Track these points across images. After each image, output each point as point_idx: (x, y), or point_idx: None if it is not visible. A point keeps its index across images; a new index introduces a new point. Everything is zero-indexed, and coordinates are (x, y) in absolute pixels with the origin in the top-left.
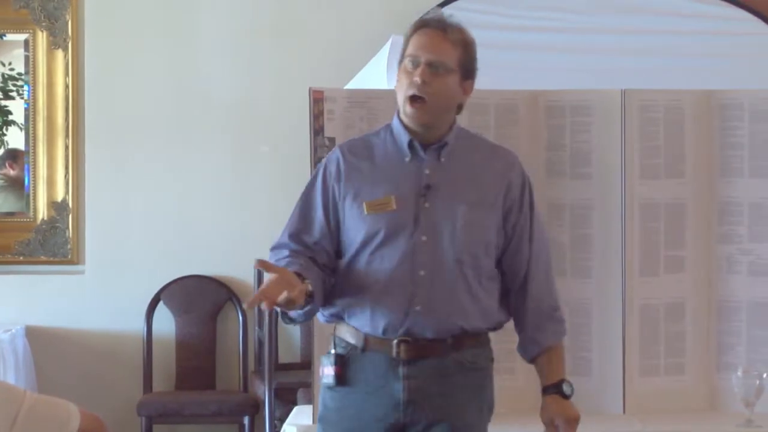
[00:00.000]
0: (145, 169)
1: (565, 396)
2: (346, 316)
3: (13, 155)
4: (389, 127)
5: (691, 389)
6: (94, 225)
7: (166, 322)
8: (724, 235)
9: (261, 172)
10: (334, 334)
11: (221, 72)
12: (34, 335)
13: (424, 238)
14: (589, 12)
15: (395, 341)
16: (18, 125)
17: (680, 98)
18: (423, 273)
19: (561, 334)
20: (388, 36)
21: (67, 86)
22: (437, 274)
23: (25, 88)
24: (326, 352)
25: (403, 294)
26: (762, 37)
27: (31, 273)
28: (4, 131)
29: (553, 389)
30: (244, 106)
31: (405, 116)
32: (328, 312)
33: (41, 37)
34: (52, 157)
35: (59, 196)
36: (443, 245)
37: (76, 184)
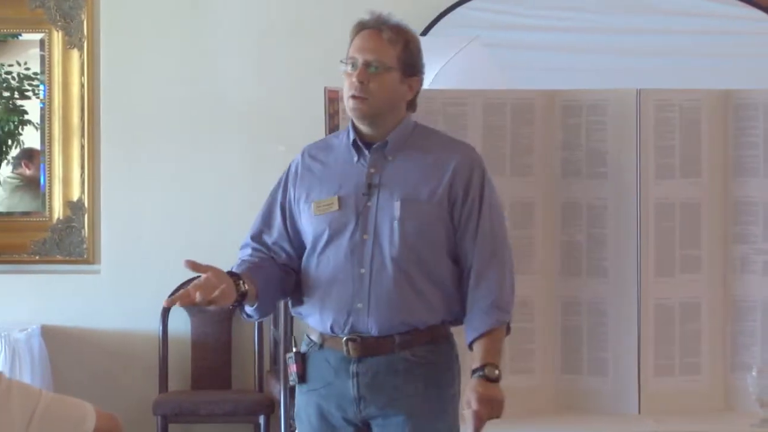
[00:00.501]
0: (160, 169)
1: (488, 378)
2: (304, 315)
3: (29, 155)
4: (347, 128)
5: (706, 389)
6: (110, 224)
7: (181, 321)
8: (739, 234)
9: (276, 172)
10: (306, 333)
11: (236, 71)
12: (49, 335)
13: (366, 237)
14: (605, 12)
15: (344, 339)
16: (34, 125)
17: (696, 98)
18: (363, 271)
19: (494, 322)
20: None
21: (82, 86)
22: (378, 272)
23: (41, 87)
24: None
25: (345, 292)
26: None
27: (47, 273)
28: (20, 131)
29: (479, 371)
30: (259, 106)
31: (352, 116)
32: (295, 311)
33: (57, 37)
34: (67, 157)
35: (75, 196)
36: (383, 243)
37: (91, 183)
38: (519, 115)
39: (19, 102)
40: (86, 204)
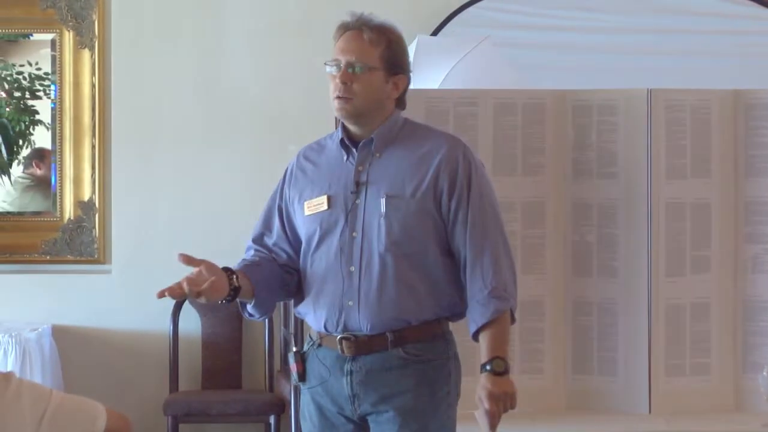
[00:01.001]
0: (171, 169)
1: (496, 373)
2: (303, 314)
3: (40, 155)
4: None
5: (716, 389)
6: (121, 224)
7: (192, 321)
8: (750, 234)
9: None
10: (308, 332)
11: (247, 71)
12: (60, 335)
13: (355, 235)
14: (615, 11)
15: (338, 338)
16: (45, 125)
17: (706, 98)
18: (353, 269)
19: (497, 312)
20: (414, 35)
21: (93, 86)
22: (367, 270)
23: (52, 87)
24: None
25: (335, 291)
26: None
27: (58, 272)
28: (31, 131)
29: (486, 367)
30: (270, 105)
31: (338, 117)
32: (296, 311)
33: (68, 37)
34: (78, 157)
35: (86, 196)
36: (372, 240)
37: (102, 183)
38: (530, 115)
39: (30, 102)
40: (97, 204)
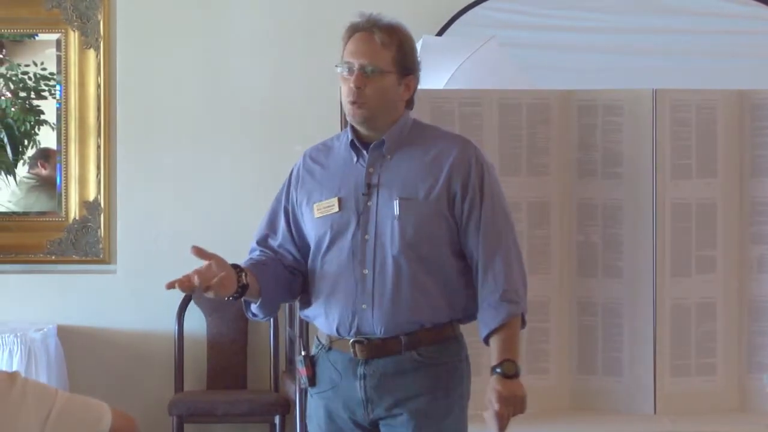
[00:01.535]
0: (176, 169)
1: (506, 375)
2: (312, 317)
3: (45, 155)
4: (346, 130)
5: (722, 389)
6: (126, 224)
7: (197, 321)
8: (755, 234)
9: None
10: (316, 336)
11: (252, 71)
12: (65, 335)
13: (367, 237)
14: (620, 11)
15: (351, 342)
16: (50, 125)
17: (712, 98)
18: (366, 272)
19: (512, 315)
20: (419, 35)
21: (98, 86)
22: (380, 272)
23: (57, 87)
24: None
25: (348, 294)
26: None
27: (63, 272)
28: (37, 131)
29: (496, 369)
30: (275, 106)
31: (351, 120)
32: (303, 314)
33: (73, 37)
34: (83, 157)
35: (91, 196)
36: (385, 242)
37: (107, 183)
38: (535, 115)
39: (35, 102)
40: (102, 204)
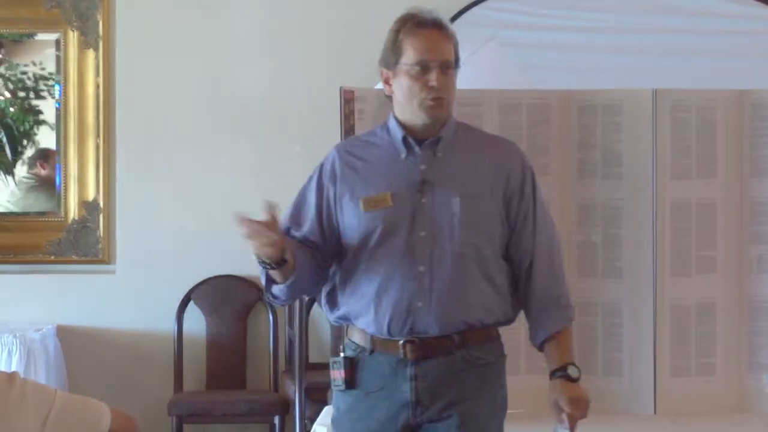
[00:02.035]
0: (175, 169)
1: (571, 379)
2: (353, 318)
3: (45, 155)
4: (386, 125)
5: (721, 390)
6: (125, 225)
7: (196, 321)
8: (755, 234)
9: (291, 172)
10: (345, 335)
11: (251, 71)
12: (64, 335)
13: (423, 234)
14: (620, 11)
15: (401, 342)
16: (49, 125)
17: (711, 98)
18: (422, 269)
19: (566, 320)
20: None
21: (97, 86)
22: (437, 270)
23: (56, 87)
24: (336, 355)
25: (404, 291)
26: None
27: (62, 272)
28: (36, 131)
29: (559, 372)
30: (274, 106)
31: (424, 118)
32: (336, 315)
33: (72, 37)
34: (83, 157)
35: (90, 196)
36: (442, 240)
37: (107, 183)
38: (535, 115)
39: (34, 102)
40: (101, 204)
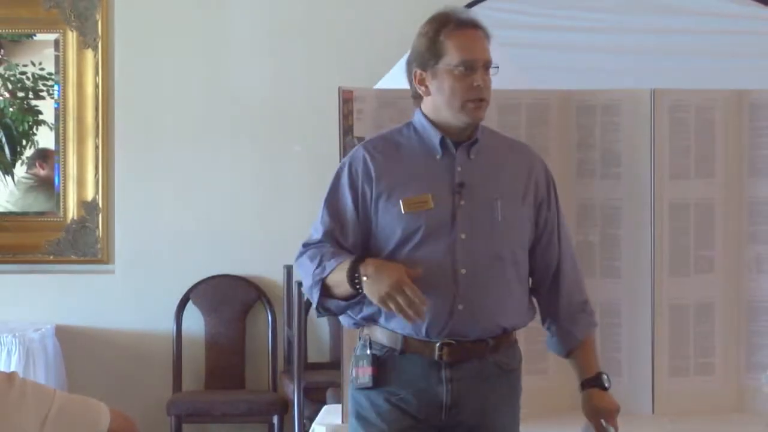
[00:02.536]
0: (175, 169)
1: (605, 388)
2: (383, 319)
3: (44, 155)
4: (411, 125)
5: (720, 389)
6: (124, 224)
7: (195, 321)
8: (754, 235)
9: (290, 172)
10: (366, 336)
11: (251, 72)
12: (63, 334)
13: (463, 236)
14: (619, 11)
15: (438, 344)
16: (48, 125)
17: (710, 98)
18: (464, 271)
19: (594, 326)
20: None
21: (96, 86)
22: (478, 272)
23: (55, 87)
24: (357, 353)
25: (445, 293)
26: None
27: (61, 272)
28: (35, 131)
29: (594, 382)
30: (273, 106)
31: (465, 120)
32: (360, 315)
33: (71, 37)
34: (82, 157)
35: (89, 196)
36: (482, 242)
37: (105, 183)
38: (533, 115)
39: (33, 102)
40: (100, 204)
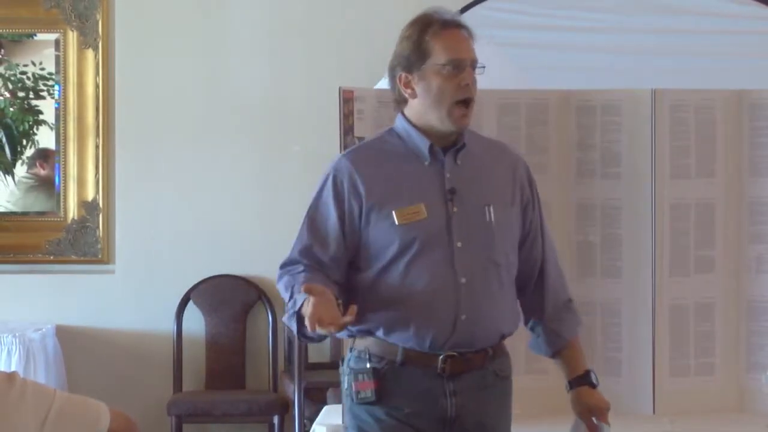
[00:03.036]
0: (175, 169)
1: (593, 386)
2: (382, 332)
3: (44, 155)
4: (393, 131)
5: (720, 389)
6: (125, 224)
7: (196, 321)
8: (754, 234)
9: (290, 172)
10: (363, 348)
11: (251, 72)
12: (64, 335)
13: (459, 244)
14: (619, 11)
15: (441, 356)
16: (48, 125)
17: (710, 98)
18: (464, 280)
19: (579, 325)
20: None
21: (97, 86)
22: (477, 280)
23: (56, 87)
24: (353, 365)
25: (447, 304)
26: None
27: (62, 272)
28: (35, 131)
29: (582, 380)
30: (274, 106)
31: (450, 126)
32: (356, 328)
33: (72, 37)
34: (82, 157)
35: (89, 196)
36: (479, 249)
37: (106, 183)
38: (533, 115)
39: (34, 102)
40: (101, 204)
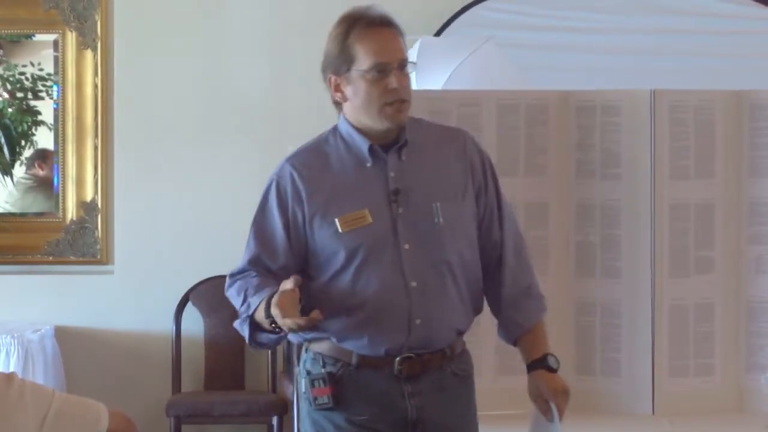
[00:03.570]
0: (174, 169)
1: (551, 369)
2: (336, 339)
3: (43, 155)
4: (337, 132)
5: (720, 390)
6: (123, 225)
7: (194, 322)
8: (754, 235)
9: None
10: (316, 351)
11: (250, 72)
12: (63, 335)
13: (407, 246)
14: (618, 12)
15: (398, 359)
16: (47, 125)
17: (710, 98)
18: (415, 284)
19: (542, 311)
20: (417, 36)
21: (96, 86)
22: (428, 282)
23: (54, 88)
24: (309, 369)
25: (400, 310)
26: None
27: (60, 273)
28: (34, 131)
29: (539, 364)
30: (273, 106)
31: (386, 124)
32: (310, 335)
33: (70, 38)
34: (81, 158)
35: (88, 197)
36: (427, 249)
37: (105, 184)
38: (533, 115)
39: (32, 103)
40: (99, 204)
